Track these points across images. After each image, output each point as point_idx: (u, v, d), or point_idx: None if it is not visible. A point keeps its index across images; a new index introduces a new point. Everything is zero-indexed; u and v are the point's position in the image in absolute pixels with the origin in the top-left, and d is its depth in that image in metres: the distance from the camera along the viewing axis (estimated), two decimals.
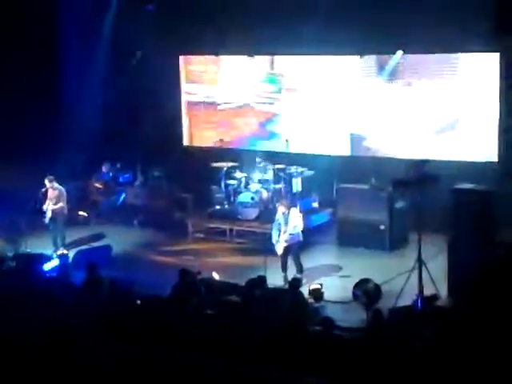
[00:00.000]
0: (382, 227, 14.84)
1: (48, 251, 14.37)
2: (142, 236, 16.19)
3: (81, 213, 17.41)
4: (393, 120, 16.31)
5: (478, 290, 10.95)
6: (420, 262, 11.96)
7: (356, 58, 16.42)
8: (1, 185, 16.05)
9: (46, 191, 15.25)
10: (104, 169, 17.93)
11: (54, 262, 13.81)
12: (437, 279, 11.97)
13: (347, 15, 15.31)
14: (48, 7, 17.88)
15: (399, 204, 14.94)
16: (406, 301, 11.45)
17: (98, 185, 17.84)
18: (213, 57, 18.03)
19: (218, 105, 18.28)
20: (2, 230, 14.91)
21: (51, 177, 15.26)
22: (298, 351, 8.56)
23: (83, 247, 15.18)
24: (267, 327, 9.24)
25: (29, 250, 14.34)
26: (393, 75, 16.14)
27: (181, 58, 18.46)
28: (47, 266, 13.51)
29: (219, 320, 9.61)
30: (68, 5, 18.09)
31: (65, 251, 14.38)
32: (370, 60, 16.36)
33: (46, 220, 15.33)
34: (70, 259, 14.36)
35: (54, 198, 15.26)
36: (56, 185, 15.32)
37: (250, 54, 17.51)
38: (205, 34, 17.01)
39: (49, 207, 15.24)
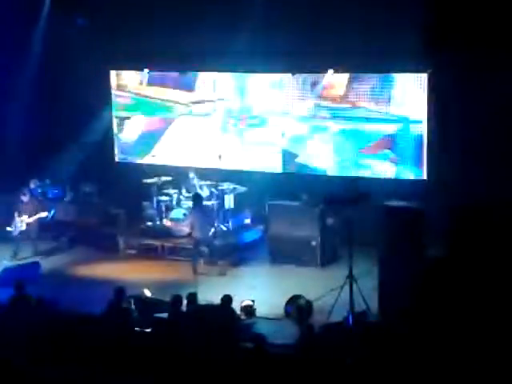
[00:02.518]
0: (314, 243, 14.92)
1: None
2: (72, 252, 15.93)
3: (9, 228, 17.05)
4: (323, 138, 16.41)
5: (408, 306, 11.09)
6: (351, 279, 12.06)
7: (288, 75, 16.51)
8: None
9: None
10: (32, 184, 17.57)
11: None
12: (367, 295, 12.08)
13: (279, 32, 15.40)
14: None
15: (330, 220, 15.04)
16: (338, 317, 11.51)
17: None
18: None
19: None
20: None
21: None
22: (229, 368, 8.51)
23: (10, 264, 14.84)
24: (197, 344, 9.18)
25: None
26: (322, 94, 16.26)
27: (112, 72, 18.29)
28: None
29: (150, 338, 9.51)
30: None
31: None
32: (302, 78, 16.46)
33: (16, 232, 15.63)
34: None
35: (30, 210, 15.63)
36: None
37: (181, 70, 17.45)
38: (134, 48, 16.92)
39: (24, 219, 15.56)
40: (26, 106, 17.88)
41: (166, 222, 16.25)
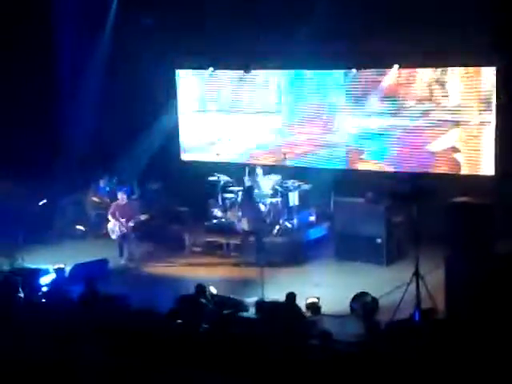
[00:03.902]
0: (379, 241, 14.83)
1: (45, 265, 14.31)
2: (139, 250, 16.13)
3: (78, 227, 17.40)
4: (390, 133, 16.31)
5: (476, 303, 10.95)
6: (417, 276, 11.95)
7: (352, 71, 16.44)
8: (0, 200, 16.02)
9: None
10: (101, 183, 17.92)
11: (51, 276, 13.80)
12: (434, 293, 11.96)
13: (342, 28, 15.33)
14: (43, 25, 17.90)
15: (396, 218, 14.93)
16: (404, 314, 11.42)
17: (94, 199, 17.82)
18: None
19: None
20: (0, 244, 14.86)
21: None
22: (295, 365, 8.53)
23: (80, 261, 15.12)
24: (263, 341, 9.23)
25: (25, 264, 14.28)
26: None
27: (177, 71, 18.48)
28: (44, 280, 13.50)
29: (219, 335, 9.58)
30: (64, 20, 18.10)
31: (61, 265, 14.32)
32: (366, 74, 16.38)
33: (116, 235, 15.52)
34: (67, 273, 14.32)
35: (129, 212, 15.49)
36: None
37: (246, 69, 17.52)
38: (201, 47, 17.05)
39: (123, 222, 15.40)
40: (94, 105, 18.19)
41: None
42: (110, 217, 15.62)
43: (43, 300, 11.85)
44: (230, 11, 16.51)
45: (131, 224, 15.46)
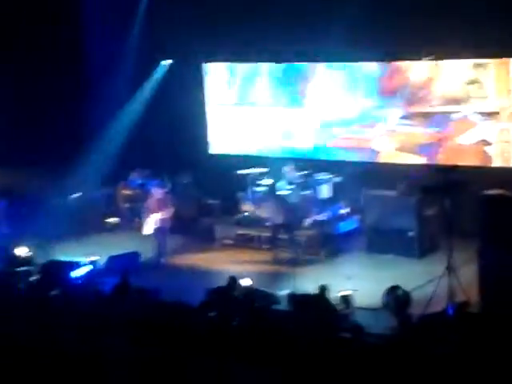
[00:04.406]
0: (411, 234, 14.75)
1: (78, 258, 14.42)
2: (170, 242, 16.21)
3: (110, 220, 17.50)
4: (421, 126, 16.22)
5: (510, 296, 10.85)
6: (450, 269, 11.87)
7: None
8: (30, 191, 16.16)
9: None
10: (133, 176, 18.01)
11: (84, 269, 13.90)
12: (467, 286, 11.88)
13: (374, 22, 15.24)
14: (73, 17, 18.05)
15: (428, 210, 14.84)
16: (436, 308, 11.36)
17: (126, 192, 17.91)
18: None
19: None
20: (35, 236, 15.01)
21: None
22: (326, 358, 8.52)
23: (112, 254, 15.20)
24: (295, 334, 9.22)
25: (60, 257, 14.41)
26: None
27: (205, 64, 18.49)
28: (77, 273, 13.60)
29: (250, 328, 9.60)
30: (94, 13, 18.21)
31: (95, 257, 14.42)
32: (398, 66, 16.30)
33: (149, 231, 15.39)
34: (100, 265, 14.41)
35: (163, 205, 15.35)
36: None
37: (277, 61, 17.48)
38: (230, 40, 17.05)
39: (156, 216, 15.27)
40: (125, 98, 18.28)
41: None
42: (145, 212, 15.52)
43: (76, 292, 11.93)
44: (259, 2, 16.49)
45: (165, 217, 15.39)
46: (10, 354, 9.07)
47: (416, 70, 16.00)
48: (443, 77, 15.74)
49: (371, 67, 16.57)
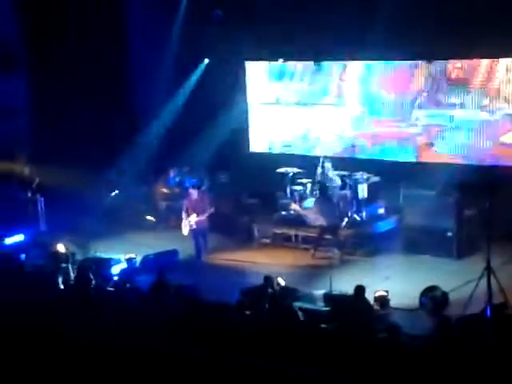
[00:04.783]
0: (450, 234, 14.62)
1: (116, 255, 14.55)
2: (208, 241, 16.26)
3: (148, 218, 17.62)
4: (463, 126, 16.09)
5: None
6: (489, 270, 11.74)
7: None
8: (68, 189, 16.34)
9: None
10: (171, 173, 18.11)
11: (122, 266, 14.03)
12: (506, 287, 11.75)
13: (410, 20, 15.13)
14: (116, 16, 18.23)
15: (467, 211, 14.71)
16: (474, 309, 11.26)
17: (164, 190, 18.02)
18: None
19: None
20: (73, 233, 15.18)
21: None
22: (364, 358, 8.50)
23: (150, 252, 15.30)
24: (331, 334, 9.22)
25: (98, 254, 14.55)
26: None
27: (247, 62, 18.53)
28: (115, 270, 13.73)
29: (286, 327, 9.62)
30: (136, 13, 18.37)
31: (133, 255, 14.55)
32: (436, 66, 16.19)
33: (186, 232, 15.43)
34: (138, 263, 14.54)
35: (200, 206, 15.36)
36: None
37: (316, 60, 17.45)
38: (271, 39, 17.05)
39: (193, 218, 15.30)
40: (166, 97, 18.39)
41: (295, 207, 16.23)
42: (183, 214, 15.48)
43: (113, 289, 12.05)
44: (298, 2, 16.47)
45: (203, 217, 15.40)
46: (56, 349, 9.20)
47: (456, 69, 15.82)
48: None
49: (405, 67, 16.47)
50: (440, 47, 15.44)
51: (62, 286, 12.17)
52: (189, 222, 15.35)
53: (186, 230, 15.45)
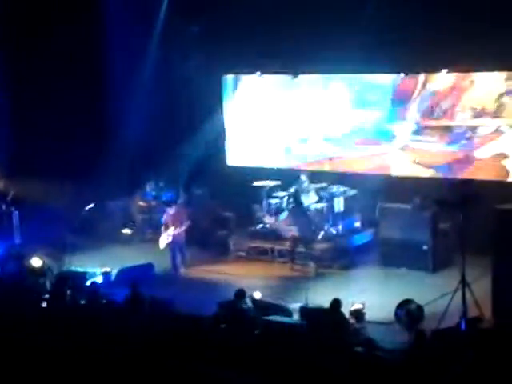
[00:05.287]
0: (425, 247, 14.69)
1: (92, 268, 14.47)
2: (186, 254, 16.17)
3: (124, 231, 17.55)
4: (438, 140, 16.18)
5: None
6: (464, 284, 11.81)
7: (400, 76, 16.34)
8: (43, 202, 16.25)
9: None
10: (148, 187, 18.06)
11: (97, 280, 13.95)
12: (481, 301, 11.82)
13: (390, 34, 15.21)
14: (93, 30, 18.18)
15: (443, 224, 14.79)
16: (450, 322, 11.31)
17: (141, 203, 17.97)
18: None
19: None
20: (48, 247, 15.08)
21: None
22: (338, 372, 8.49)
23: (126, 265, 15.23)
24: (307, 348, 9.20)
25: (73, 268, 14.46)
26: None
27: (225, 76, 18.55)
28: (89, 283, 13.64)
29: (263, 340, 9.60)
30: (113, 28, 18.32)
31: (108, 269, 14.48)
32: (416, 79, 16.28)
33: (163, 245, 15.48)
34: (113, 277, 14.47)
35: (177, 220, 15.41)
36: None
37: (294, 73, 17.49)
38: (248, 53, 17.08)
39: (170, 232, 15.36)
40: (142, 110, 18.35)
41: (269, 220, 16.22)
42: (162, 228, 15.52)
43: (87, 302, 11.97)
44: (276, 16, 16.51)
45: (180, 230, 15.41)
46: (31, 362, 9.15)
47: (440, 82, 15.91)
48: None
49: (385, 79, 16.54)
50: (418, 60, 15.55)
51: (38, 299, 12.08)
52: (167, 235, 15.36)
53: (162, 244, 15.42)
